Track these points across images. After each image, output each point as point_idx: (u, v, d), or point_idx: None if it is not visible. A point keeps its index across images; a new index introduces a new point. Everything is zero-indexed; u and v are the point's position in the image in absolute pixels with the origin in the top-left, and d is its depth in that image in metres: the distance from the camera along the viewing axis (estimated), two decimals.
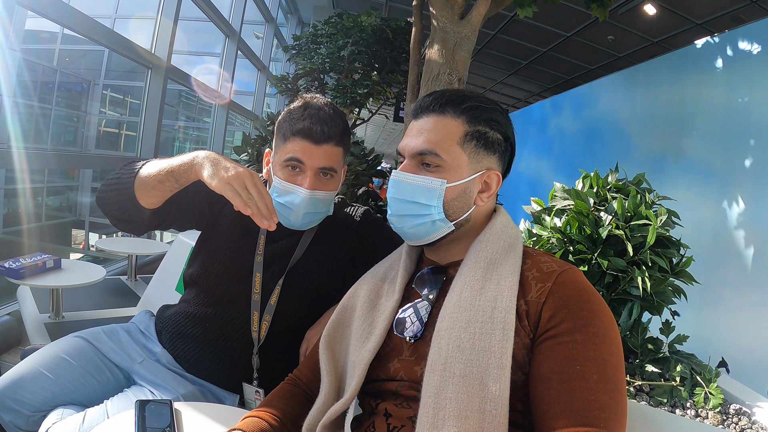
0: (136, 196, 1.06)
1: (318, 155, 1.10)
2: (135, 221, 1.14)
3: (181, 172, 1.01)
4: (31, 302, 2.11)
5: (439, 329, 0.74)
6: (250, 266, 1.19)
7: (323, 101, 1.15)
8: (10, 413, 1.06)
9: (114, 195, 1.09)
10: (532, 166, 6.01)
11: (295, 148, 1.09)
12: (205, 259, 1.23)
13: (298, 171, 1.11)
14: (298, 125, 1.09)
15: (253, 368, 1.18)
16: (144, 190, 1.05)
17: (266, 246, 1.20)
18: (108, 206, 1.12)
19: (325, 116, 1.11)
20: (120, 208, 1.10)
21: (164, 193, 1.07)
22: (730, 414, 1.10)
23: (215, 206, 1.25)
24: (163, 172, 1.02)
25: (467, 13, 2.18)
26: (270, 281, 1.18)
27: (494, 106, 0.87)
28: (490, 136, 0.85)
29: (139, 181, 1.05)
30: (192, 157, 1.00)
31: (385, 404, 0.79)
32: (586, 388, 0.66)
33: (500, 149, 0.87)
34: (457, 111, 0.84)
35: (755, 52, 2.83)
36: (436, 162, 0.83)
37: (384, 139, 22.59)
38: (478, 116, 0.85)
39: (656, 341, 1.19)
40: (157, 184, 1.03)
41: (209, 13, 5.26)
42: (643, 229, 1.16)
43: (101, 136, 5.57)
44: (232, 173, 0.94)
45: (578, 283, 0.75)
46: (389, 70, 4.88)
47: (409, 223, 0.86)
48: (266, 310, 1.17)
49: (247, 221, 1.20)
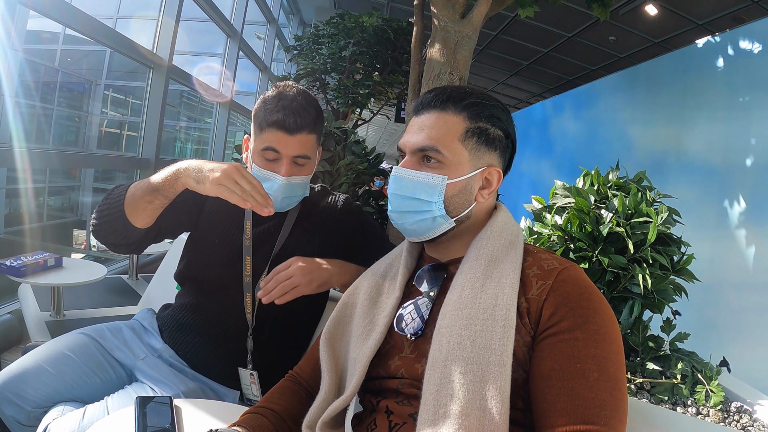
0: (130, 221, 1.09)
1: (292, 144, 1.14)
2: (132, 242, 1.17)
3: (168, 187, 1.03)
4: (32, 300, 2.11)
5: (440, 326, 0.74)
6: (238, 250, 1.23)
7: (296, 90, 1.19)
8: (12, 407, 1.06)
9: (107, 222, 1.11)
10: (534, 165, 6.01)
11: (270, 138, 1.14)
12: (195, 250, 1.27)
13: (274, 160, 1.16)
14: (272, 117, 1.13)
15: (247, 351, 1.20)
16: (136, 214, 1.08)
17: (253, 229, 1.24)
18: (104, 235, 1.14)
19: (297, 107, 1.14)
20: (115, 234, 1.13)
21: (156, 211, 1.10)
22: (732, 412, 1.10)
23: (199, 203, 1.29)
24: (149, 192, 1.04)
25: (468, 12, 2.18)
26: (260, 263, 1.22)
27: (495, 103, 0.87)
28: (491, 133, 0.85)
29: (129, 206, 1.08)
30: (175, 170, 1.02)
31: (386, 401, 0.79)
32: (587, 385, 0.66)
33: (501, 146, 0.87)
34: (458, 107, 0.84)
35: (756, 51, 2.83)
36: (437, 158, 0.83)
37: (385, 139, 22.59)
38: (480, 113, 0.85)
39: (657, 339, 1.19)
40: (147, 205, 1.07)
41: (211, 14, 5.26)
42: (644, 227, 1.16)
43: (103, 137, 5.58)
44: (218, 174, 0.96)
45: (579, 281, 0.75)
46: (390, 70, 4.89)
47: (410, 219, 0.86)
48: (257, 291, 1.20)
49: (230, 207, 1.24)
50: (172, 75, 4.21)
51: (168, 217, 1.19)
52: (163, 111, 4.14)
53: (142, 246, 1.21)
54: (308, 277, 1.06)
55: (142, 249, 1.23)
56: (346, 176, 2.05)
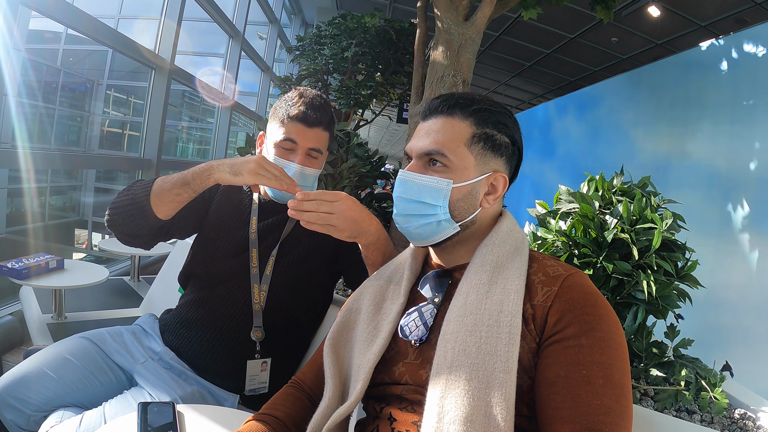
0: (153, 210, 1.14)
1: (309, 137, 1.23)
2: (145, 235, 1.22)
3: (198, 182, 1.11)
4: (33, 302, 2.11)
5: (445, 333, 0.74)
6: (244, 242, 1.29)
7: (315, 92, 1.29)
8: (12, 412, 1.07)
9: (127, 211, 1.15)
10: (536, 168, 6.00)
11: (290, 130, 1.22)
12: (202, 245, 1.33)
13: (291, 150, 1.23)
14: (294, 111, 1.22)
15: (255, 343, 1.24)
16: (161, 204, 1.14)
17: (258, 224, 1.31)
18: (119, 224, 1.18)
19: (317, 104, 1.24)
20: (132, 223, 1.17)
21: (180, 204, 1.16)
22: (735, 419, 1.09)
23: (206, 201, 1.36)
24: (178, 185, 1.12)
25: (472, 14, 2.18)
26: (265, 253, 1.28)
27: (502, 110, 0.88)
28: (498, 139, 0.85)
29: (155, 197, 1.14)
30: (207, 166, 1.11)
31: (389, 408, 0.79)
32: (592, 392, 0.66)
33: (507, 152, 0.87)
34: (465, 113, 0.85)
35: (760, 55, 2.82)
36: (443, 162, 0.84)
37: (387, 140, 22.59)
38: (486, 119, 0.85)
39: (661, 345, 1.19)
40: (175, 197, 1.14)
41: (213, 14, 5.26)
42: (649, 233, 1.16)
43: (104, 137, 5.58)
44: (252, 165, 1.08)
45: (585, 287, 0.74)
46: (393, 71, 4.88)
47: (415, 222, 0.86)
48: (263, 281, 1.26)
49: (235, 202, 1.35)
50: (174, 76, 4.21)
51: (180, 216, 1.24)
52: (164, 111, 4.14)
53: (152, 241, 1.25)
54: (347, 226, 1.00)
55: (151, 245, 1.27)
56: (349, 179, 2.05)
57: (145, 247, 1.28)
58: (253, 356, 1.23)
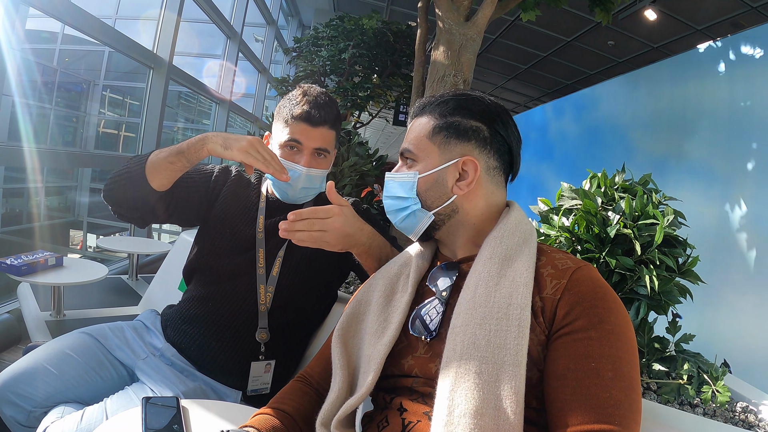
0: (147, 179, 1.12)
1: (314, 136, 1.21)
2: (139, 209, 1.19)
3: (192, 152, 1.10)
4: (31, 300, 2.09)
5: (454, 326, 0.74)
6: (250, 239, 1.27)
7: (319, 90, 1.27)
8: (12, 408, 1.06)
9: (123, 182, 1.14)
10: (533, 169, 6.03)
11: (294, 130, 1.20)
12: (207, 239, 1.30)
13: (296, 150, 1.22)
14: (297, 110, 1.20)
15: (260, 343, 1.22)
16: (156, 172, 1.12)
17: (265, 223, 1.29)
18: (115, 196, 1.17)
19: (322, 102, 1.22)
20: (127, 196, 1.16)
21: (175, 173, 1.15)
22: (737, 411, 1.10)
23: (212, 194, 1.33)
24: (173, 154, 1.11)
25: (473, 15, 2.19)
26: (271, 253, 1.26)
27: (470, 97, 0.90)
28: (462, 125, 0.87)
29: (150, 165, 1.12)
30: (201, 137, 1.11)
31: (400, 399, 0.79)
32: (601, 385, 0.66)
33: (478, 136, 0.87)
34: (431, 109, 0.90)
35: (757, 57, 2.85)
36: (411, 157, 0.90)
37: (383, 142, 22.55)
38: (449, 109, 0.88)
39: (663, 340, 1.20)
40: (169, 165, 1.12)
41: (211, 15, 5.26)
42: (651, 229, 1.17)
43: (100, 137, 5.57)
44: (244, 143, 1.07)
45: (594, 280, 0.75)
46: (390, 73, 4.90)
47: (398, 216, 0.92)
48: (269, 282, 1.24)
49: (242, 198, 1.32)
50: (172, 75, 4.20)
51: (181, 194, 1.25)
52: (163, 111, 4.13)
53: (146, 217, 1.24)
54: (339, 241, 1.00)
55: (145, 222, 1.26)
56: (350, 177, 2.05)
57: (139, 223, 1.27)
58: (257, 357, 1.22)
